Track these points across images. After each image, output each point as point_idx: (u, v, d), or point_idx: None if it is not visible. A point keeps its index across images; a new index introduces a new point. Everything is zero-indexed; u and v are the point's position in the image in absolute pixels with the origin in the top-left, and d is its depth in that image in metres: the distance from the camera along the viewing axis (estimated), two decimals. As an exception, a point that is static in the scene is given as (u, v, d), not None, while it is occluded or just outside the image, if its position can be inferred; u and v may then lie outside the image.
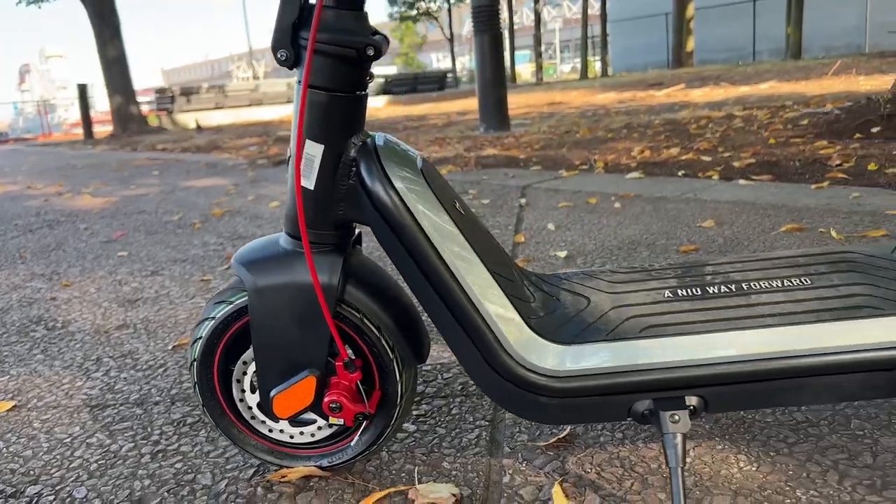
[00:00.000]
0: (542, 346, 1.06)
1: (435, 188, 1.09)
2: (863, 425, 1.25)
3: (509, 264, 1.21)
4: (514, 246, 2.74)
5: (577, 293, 1.23)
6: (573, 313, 1.16)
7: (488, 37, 7.07)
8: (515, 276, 1.21)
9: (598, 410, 1.08)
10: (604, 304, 1.18)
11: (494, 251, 1.17)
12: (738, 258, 1.31)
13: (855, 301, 1.10)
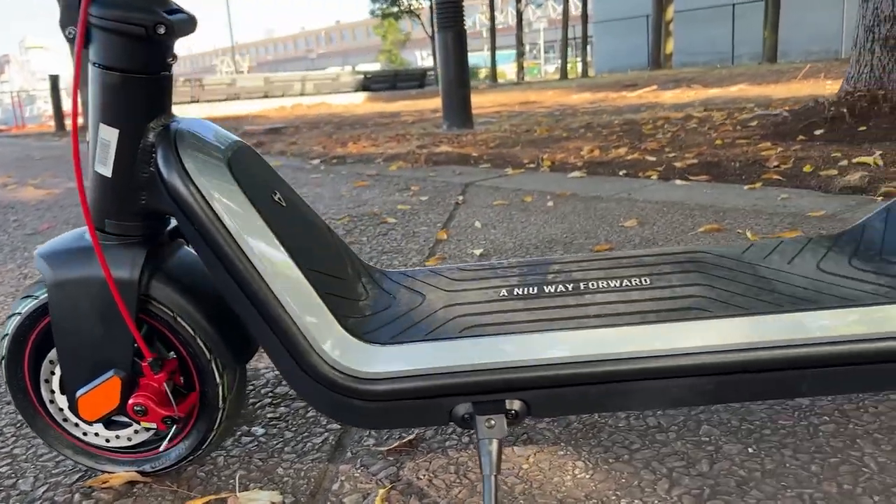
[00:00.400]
0: (354, 346, 1.01)
1: (244, 179, 1.04)
2: (711, 431, 1.21)
3: (341, 259, 1.16)
4: (436, 243, 2.69)
5: (415, 290, 1.18)
6: (402, 312, 1.11)
7: (452, 34, 7.02)
8: (349, 272, 1.16)
9: (418, 414, 1.04)
10: (437, 303, 1.13)
11: (319, 246, 1.12)
12: (589, 256, 1.27)
13: (686, 303, 1.06)
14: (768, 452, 1.14)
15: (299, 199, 1.19)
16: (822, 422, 1.21)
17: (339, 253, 1.17)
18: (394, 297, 1.16)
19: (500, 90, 18.65)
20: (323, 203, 3.66)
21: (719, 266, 1.18)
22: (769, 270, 1.15)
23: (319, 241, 1.13)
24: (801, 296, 1.05)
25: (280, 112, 16.78)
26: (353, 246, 2.73)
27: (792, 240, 1.27)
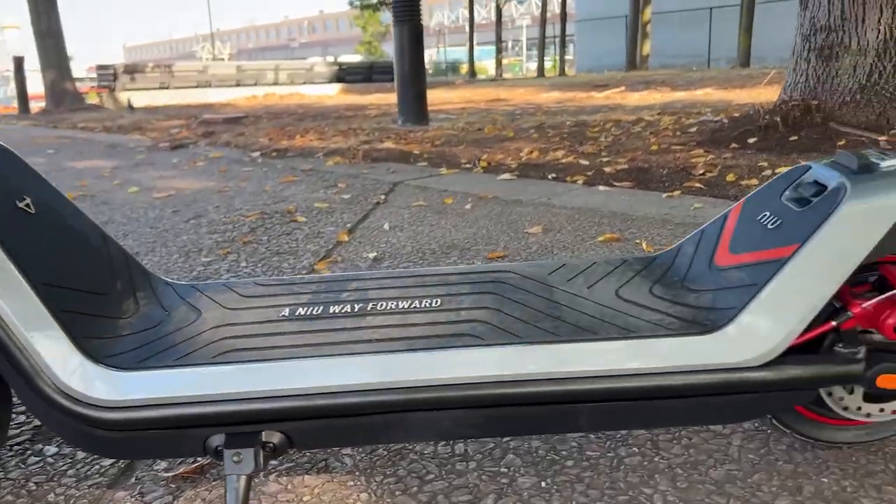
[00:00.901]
0: (91, 371, 0.93)
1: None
2: (513, 461, 1.15)
3: (106, 272, 1.08)
4: (335, 245, 2.62)
5: (195, 307, 1.11)
6: (165, 332, 1.03)
7: (407, 27, 6.92)
8: (115, 286, 1.08)
9: (170, 445, 0.96)
10: (209, 322, 1.06)
11: (74, 257, 1.04)
12: (395, 274, 1.20)
13: (462, 328, 0.99)
14: (560, 487, 1.08)
15: (64, 206, 1.11)
16: (629, 453, 1.16)
17: (105, 265, 1.09)
18: (167, 315, 1.08)
19: (474, 86, 18.57)
20: (242, 198, 3.56)
21: (518, 288, 1.12)
22: (565, 295, 1.09)
23: (77, 251, 1.06)
24: (584, 324, 0.99)
25: (250, 101, 16.58)
26: (250, 245, 2.64)
27: (606, 261, 1.21)
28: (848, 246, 0.94)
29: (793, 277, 0.95)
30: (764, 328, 0.95)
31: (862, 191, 0.96)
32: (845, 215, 0.95)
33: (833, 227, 0.95)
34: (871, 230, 0.94)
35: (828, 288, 0.95)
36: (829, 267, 0.94)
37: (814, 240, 0.95)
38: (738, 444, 1.17)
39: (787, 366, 0.96)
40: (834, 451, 1.14)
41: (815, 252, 0.95)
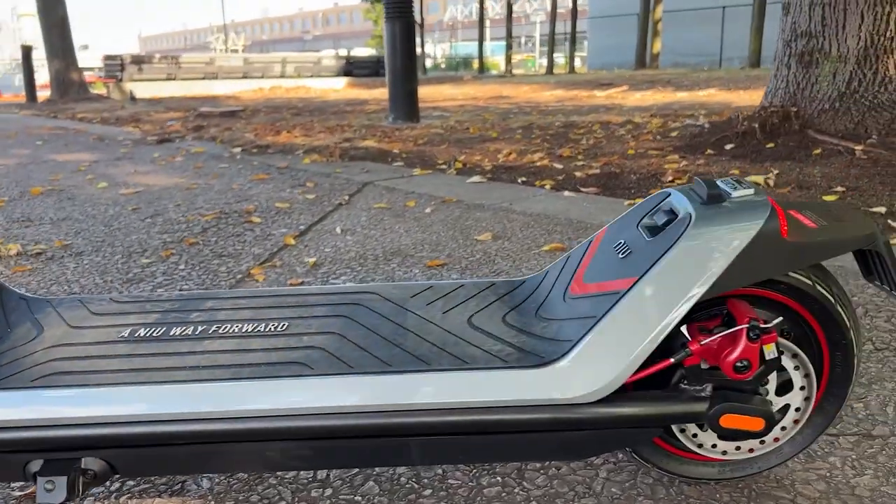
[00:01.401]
0: None
1: None
2: (371, 489, 1.12)
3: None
4: (282, 248, 2.59)
5: (39, 324, 1.08)
6: (1, 351, 1.01)
7: (399, 24, 6.88)
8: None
9: None
10: (46, 341, 1.03)
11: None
12: (253, 293, 1.17)
13: (297, 355, 0.96)
14: (407, 519, 1.05)
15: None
16: (491, 483, 1.12)
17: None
18: (9, 331, 1.06)
19: (482, 82, 18.49)
20: (206, 197, 3.54)
21: (373, 311, 1.08)
22: (417, 321, 1.05)
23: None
24: (421, 353, 0.96)
25: (255, 94, 16.60)
26: (195, 247, 2.62)
27: (474, 284, 1.17)
28: (686, 279, 0.90)
29: (629, 311, 0.91)
30: (597, 363, 0.91)
31: (704, 222, 0.92)
32: (684, 248, 0.91)
33: (671, 260, 0.91)
34: (710, 263, 0.90)
35: (665, 323, 0.91)
36: (667, 301, 0.90)
37: (652, 272, 0.91)
38: (604, 477, 1.14)
39: (625, 403, 0.93)
40: (699, 488, 1.10)
41: (652, 285, 0.91)
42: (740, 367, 0.92)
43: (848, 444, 1.21)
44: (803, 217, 0.99)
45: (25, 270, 2.37)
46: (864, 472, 1.13)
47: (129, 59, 17.77)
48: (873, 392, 1.39)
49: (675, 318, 0.91)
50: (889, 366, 1.50)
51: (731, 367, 0.92)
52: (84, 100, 14.41)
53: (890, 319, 1.74)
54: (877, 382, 1.43)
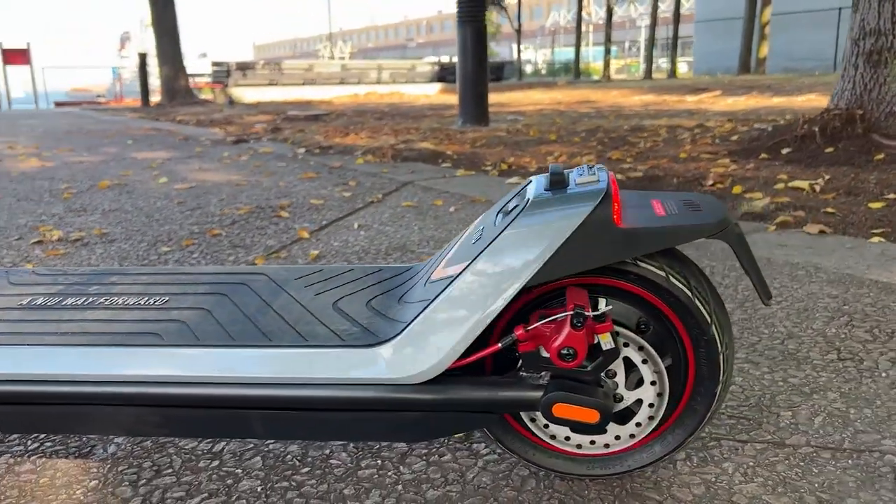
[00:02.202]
0: None
1: None
2: (253, 465, 1.16)
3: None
4: (295, 241, 2.68)
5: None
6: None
7: (471, 28, 6.93)
8: None
9: None
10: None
11: None
12: (157, 270, 1.23)
13: (157, 327, 1.02)
14: (275, 492, 1.08)
15: None
16: (369, 465, 1.14)
17: None
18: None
19: (575, 87, 18.29)
20: (250, 193, 3.70)
21: (253, 291, 1.12)
22: (288, 301, 1.08)
23: None
24: (270, 330, 0.99)
25: (349, 99, 17.09)
26: (217, 238, 2.75)
27: (361, 268, 1.19)
28: (512, 266, 0.89)
29: (456, 295, 0.91)
30: (424, 345, 0.91)
31: (536, 209, 0.91)
32: (511, 234, 0.90)
33: (498, 246, 0.90)
34: (536, 250, 0.89)
35: (491, 308, 0.90)
36: (493, 286, 0.90)
37: (480, 258, 0.91)
38: (480, 466, 1.13)
39: (454, 387, 0.92)
40: (569, 484, 1.07)
41: (480, 270, 0.90)
42: (565, 355, 0.89)
43: (752, 451, 1.15)
44: (658, 205, 0.95)
45: (58, 254, 2.56)
46: (752, 480, 1.07)
47: (235, 65, 18.67)
48: (811, 401, 1.31)
49: (501, 304, 0.90)
50: (842, 376, 1.40)
51: (556, 355, 0.90)
52: (190, 104, 15.28)
53: (871, 330, 1.62)
54: (820, 392, 1.34)
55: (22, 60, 22.26)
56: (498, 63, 24.10)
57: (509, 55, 47.69)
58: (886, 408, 1.27)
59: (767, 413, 1.27)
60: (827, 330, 1.63)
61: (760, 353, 1.53)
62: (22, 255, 2.56)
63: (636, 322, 0.97)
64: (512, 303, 0.98)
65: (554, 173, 0.94)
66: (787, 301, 1.83)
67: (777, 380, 1.40)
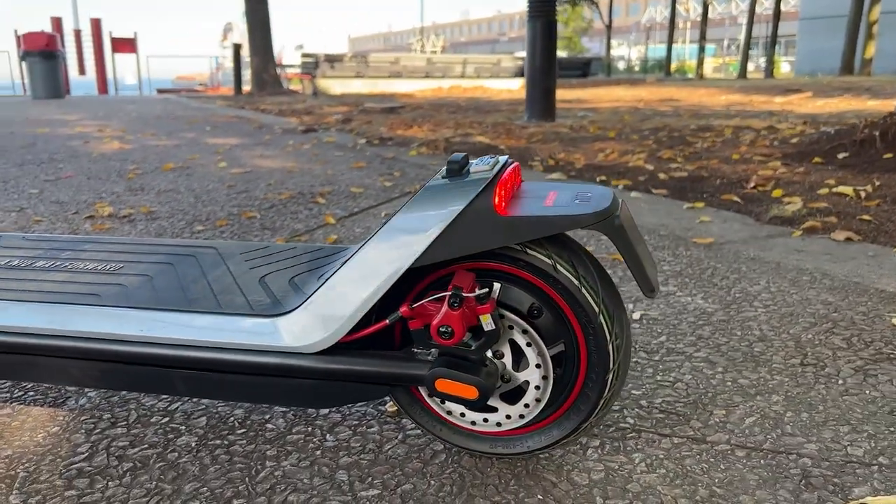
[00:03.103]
0: None
1: None
2: (197, 423, 1.26)
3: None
4: (320, 226, 2.80)
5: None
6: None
7: (540, 23, 6.91)
8: None
9: None
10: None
11: None
12: (125, 240, 1.35)
13: (99, 289, 1.13)
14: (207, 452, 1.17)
15: None
16: (299, 431, 1.22)
17: None
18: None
19: (661, 85, 17.87)
20: (298, 179, 3.86)
21: (198, 263, 1.22)
22: (223, 272, 1.17)
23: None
24: (194, 297, 1.08)
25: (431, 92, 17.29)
26: (251, 220, 2.90)
27: (303, 247, 1.27)
28: (399, 247, 0.95)
29: (348, 273, 0.97)
30: (318, 318, 0.98)
31: (427, 194, 0.96)
32: (401, 217, 0.95)
33: (389, 228, 0.96)
34: (420, 234, 0.94)
35: (377, 285, 0.95)
36: (380, 265, 0.95)
37: (373, 238, 0.97)
38: (400, 440, 1.19)
39: (342, 357, 0.99)
40: (475, 460, 1.12)
41: (372, 250, 0.96)
42: (443, 332, 0.94)
43: (668, 445, 1.16)
44: (553, 196, 0.98)
45: (103, 228, 2.77)
46: (654, 472, 1.09)
47: (323, 57, 19.16)
48: (751, 402, 1.30)
49: (387, 283, 0.95)
50: (796, 381, 1.38)
51: (435, 332, 0.94)
52: (277, 94, 15.83)
53: (850, 339, 1.58)
54: (764, 394, 1.33)
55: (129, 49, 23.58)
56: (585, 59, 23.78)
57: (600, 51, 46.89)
58: (826, 413, 1.25)
59: (702, 411, 1.27)
60: (803, 335, 1.60)
61: (723, 353, 1.51)
62: (72, 228, 2.78)
63: (528, 307, 1.01)
64: (412, 283, 1.04)
65: (451, 162, 0.98)
66: (776, 305, 1.79)
67: (727, 380, 1.39)
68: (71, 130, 6.87)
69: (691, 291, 1.92)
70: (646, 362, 1.48)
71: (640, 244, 0.99)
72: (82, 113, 9.58)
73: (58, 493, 1.06)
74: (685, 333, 1.63)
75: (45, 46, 15.20)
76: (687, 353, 1.52)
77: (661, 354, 1.52)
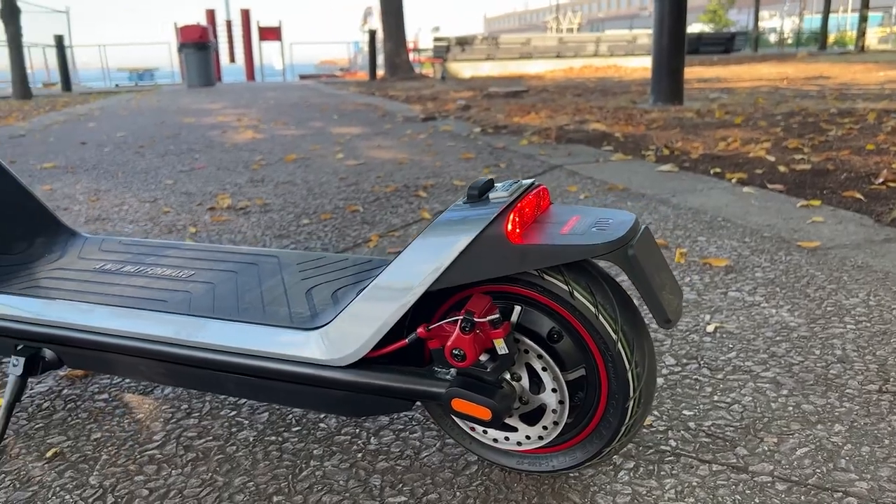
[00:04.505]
0: None
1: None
2: (233, 418, 1.36)
3: (10, 223, 1.51)
4: (416, 221, 2.88)
5: (66, 252, 1.51)
6: (28, 267, 1.45)
7: (669, 1, 6.63)
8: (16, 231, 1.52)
9: None
10: (57, 264, 1.46)
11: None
12: (202, 247, 1.47)
13: (167, 295, 1.25)
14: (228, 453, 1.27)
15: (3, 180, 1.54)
16: (345, 432, 1.29)
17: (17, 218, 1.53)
18: (45, 256, 1.50)
19: (814, 60, 16.63)
20: (407, 171, 3.96)
21: (258, 271, 1.31)
22: (276, 282, 1.26)
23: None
24: (245, 306, 1.18)
25: (562, 73, 17.04)
26: (353, 214, 3.02)
27: (353, 259, 1.33)
28: (419, 269, 0.98)
29: (372, 293, 1.02)
30: (346, 333, 1.04)
31: (447, 217, 0.99)
32: (421, 240, 0.99)
33: (411, 250, 0.99)
34: (438, 258, 0.97)
35: (399, 305, 1.00)
36: (402, 286, 0.99)
37: (397, 261, 1.01)
38: (438, 448, 1.23)
39: (367, 372, 1.04)
40: (503, 473, 1.14)
41: (393, 272, 1.00)
42: (456, 355, 0.97)
43: (705, 472, 1.13)
44: (573, 222, 0.98)
45: (220, 220, 2.99)
46: (682, 500, 1.06)
47: (454, 40, 19.31)
48: (809, 430, 1.23)
49: (408, 303, 0.99)
50: (865, 409, 1.29)
51: (449, 354, 0.97)
52: (408, 79, 16.18)
53: None
54: (826, 423, 1.25)
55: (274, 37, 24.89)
56: (727, 34, 22.48)
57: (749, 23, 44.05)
58: (890, 449, 1.17)
59: (752, 437, 1.22)
60: (890, 359, 1.49)
61: (793, 374, 1.44)
62: (193, 219, 3.02)
63: (548, 331, 1.02)
64: (438, 303, 1.07)
65: (472, 188, 1.00)
66: (869, 322, 1.67)
67: (790, 404, 1.32)
68: (213, 120, 7.38)
69: (778, 303, 1.82)
70: (706, 380, 1.43)
71: (661, 271, 0.97)
72: (226, 101, 10.24)
73: (129, 477, 1.19)
74: (758, 350, 1.56)
75: (199, 38, 16.39)
76: (754, 373, 1.45)
77: (726, 372, 1.46)
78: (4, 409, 1.30)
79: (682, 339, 1.64)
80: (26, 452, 1.28)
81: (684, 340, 1.62)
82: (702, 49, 20.42)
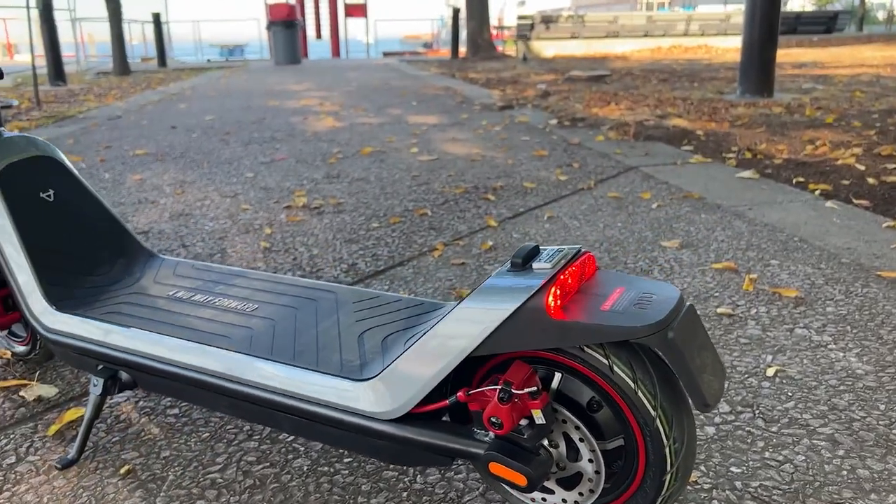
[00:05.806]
0: (42, 306, 1.49)
1: (9, 183, 1.53)
2: (285, 442, 1.43)
3: (95, 242, 1.61)
4: (482, 229, 2.89)
5: (144, 276, 1.61)
6: (108, 291, 1.56)
7: (761, -12, 6.34)
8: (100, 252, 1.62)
9: (80, 362, 1.48)
10: (135, 289, 1.56)
11: (72, 230, 1.58)
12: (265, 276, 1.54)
13: (231, 331, 1.33)
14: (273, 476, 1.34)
15: (84, 198, 1.64)
16: (390, 474, 1.34)
17: (99, 240, 1.63)
18: (125, 278, 1.60)
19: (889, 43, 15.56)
20: (478, 170, 3.97)
21: (316, 308, 1.37)
22: (332, 322, 1.31)
23: (77, 228, 1.60)
24: (299, 349, 1.23)
25: (649, 53, 16.58)
26: (422, 218, 3.07)
27: (407, 300, 1.36)
28: (461, 335, 1.01)
29: (418, 352, 1.05)
30: (389, 390, 1.08)
31: (490, 285, 1.01)
32: (465, 306, 1.01)
33: (455, 315, 1.02)
34: (479, 326, 0.99)
35: (440, 367, 1.03)
36: (444, 350, 1.02)
37: (442, 322, 1.04)
38: (480, 493, 1.26)
39: (409, 427, 1.08)
40: (542, 527, 1.17)
41: (438, 334, 1.03)
42: (493, 423, 0.99)
43: (746, 542, 1.12)
44: (616, 296, 0.98)
45: (295, 220, 3.09)
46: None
47: (539, 18, 19.01)
48: (861, 500, 1.20)
49: (450, 366, 1.02)
50: None
51: (487, 420, 1.00)
52: (490, 59, 16.06)
53: None
54: (881, 492, 1.22)
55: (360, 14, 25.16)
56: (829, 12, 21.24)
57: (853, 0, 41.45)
58: (947, 530, 1.13)
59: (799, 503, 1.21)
60: (962, 420, 1.42)
61: (853, 432, 1.40)
62: (270, 218, 3.14)
63: (588, 400, 1.03)
64: (480, 364, 1.10)
65: (516, 256, 1.02)
66: (944, 374, 1.60)
67: (844, 467, 1.29)
68: (296, 104, 7.56)
69: (847, 345, 1.76)
70: (760, 433, 1.41)
71: (703, 351, 0.96)
72: (310, 82, 10.46)
73: (191, 500, 1.28)
74: (818, 401, 1.52)
75: (287, 16, 16.73)
76: (810, 428, 1.42)
77: (781, 425, 1.43)
78: (84, 426, 1.41)
79: (740, 382, 1.61)
80: (103, 467, 1.39)
81: (742, 384, 1.60)
82: (800, 29, 19.39)
